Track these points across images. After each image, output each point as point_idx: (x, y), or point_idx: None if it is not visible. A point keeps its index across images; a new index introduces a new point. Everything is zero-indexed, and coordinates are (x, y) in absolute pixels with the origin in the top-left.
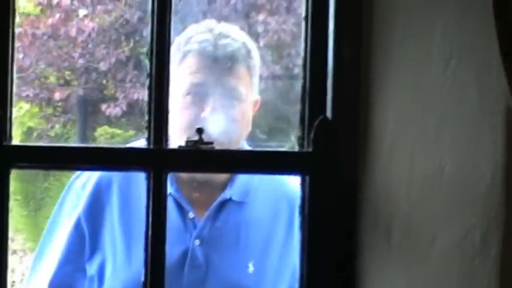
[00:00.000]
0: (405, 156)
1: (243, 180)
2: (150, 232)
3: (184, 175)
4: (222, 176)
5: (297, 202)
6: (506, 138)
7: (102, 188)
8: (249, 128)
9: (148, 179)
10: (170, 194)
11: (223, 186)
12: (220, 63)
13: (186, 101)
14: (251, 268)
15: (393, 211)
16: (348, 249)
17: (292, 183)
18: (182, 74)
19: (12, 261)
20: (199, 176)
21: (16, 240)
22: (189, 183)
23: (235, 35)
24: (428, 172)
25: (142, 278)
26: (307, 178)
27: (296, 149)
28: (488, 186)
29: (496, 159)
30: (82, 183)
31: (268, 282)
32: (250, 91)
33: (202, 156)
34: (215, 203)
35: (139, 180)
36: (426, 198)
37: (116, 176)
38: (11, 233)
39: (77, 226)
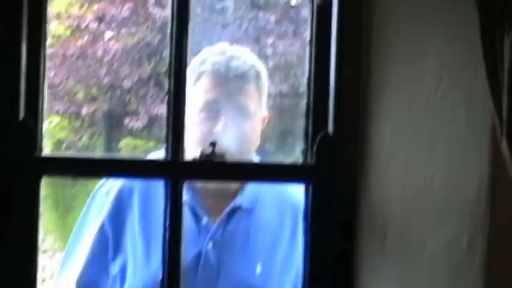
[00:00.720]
0: (399, 168)
1: (252, 189)
2: (167, 235)
3: (198, 184)
4: (233, 186)
5: (301, 209)
6: (492, 152)
7: (124, 196)
8: (258, 142)
9: (166, 187)
10: (186, 201)
11: (234, 194)
12: (231, 83)
13: (200, 117)
14: (259, 269)
15: (388, 218)
16: (346, 251)
17: (296, 192)
18: (197, 92)
19: (43, 259)
20: (212, 185)
21: (47, 240)
22: (203, 191)
23: (245, 58)
24: (420, 182)
25: (160, 277)
26: (310, 187)
27: (300, 161)
28: (475, 196)
29: (482, 172)
30: (106, 191)
31: (275, 282)
32: (259, 108)
33: (215, 167)
34: (227, 210)
35: (158, 188)
36: (418, 206)
37: (136, 185)
38: (42, 234)
39: (102, 230)
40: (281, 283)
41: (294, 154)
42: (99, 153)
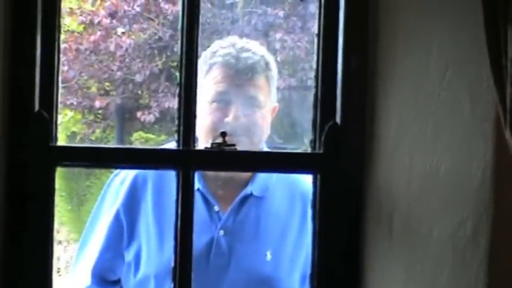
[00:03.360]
0: (405, 157)
1: (262, 177)
2: (179, 223)
3: (210, 173)
4: (244, 174)
5: (310, 197)
6: (496, 141)
7: (138, 185)
8: (268, 132)
9: (178, 176)
10: (198, 189)
11: (245, 182)
12: (241, 74)
13: (211, 108)
14: (269, 256)
15: (394, 205)
16: (354, 238)
17: (305, 181)
18: (208, 83)
19: (57, 250)
20: (223, 173)
21: (61, 232)
22: (215, 180)
23: (255, 49)
24: (426, 171)
25: (173, 264)
26: (319, 176)
27: (309, 150)
28: (479, 184)
29: (486, 160)
30: (121, 180)
31: (284, 269)
32: (268, 99)
33: (226, 157)
34: (238, 198)
35: (170, 178)
36: (424, 194)
37: (150, 174)
38: (56, 225)
39: (117, 218)
40: (291, 270)
41: (303, 145)
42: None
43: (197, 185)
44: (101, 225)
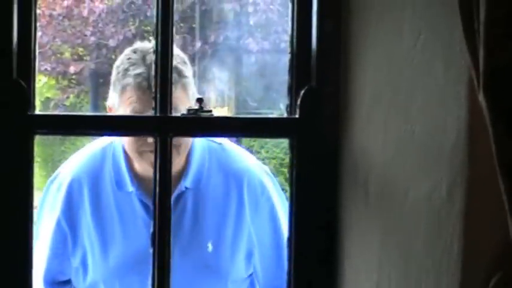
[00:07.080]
0: (380, 119)
1: (194, 169)
2: (157, 184)
3: (142, 174)
4: (176, 169)
5: (243, 176)
6: (469, 103)
7: (74, 192)
8: None
9: (155, 142)
10: (132, 192)
11: (178, 178)
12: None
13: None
14: (210, 247)
15: (370, 168)
16: (331, 202)
17: (237, 160)
18: (124, 103)
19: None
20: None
21: (36, 197)
22: (148, 180)
23: None
24: (400, 134)
25: (117, 265)
26: (295, 141)
27: (285, 115)
28: (453, 146)
29: (460, 122)
30: (57, 187)
31: (226, 255)
32: (188, 101)
33: (202, 123)
34: (174, 195)
35: (106, 178)
36: (399, 157)
37: (84, 179)
38: None
39: (58, 226)
40: (232, 255)
41: (278, 109)
42: (86, 111)
43: (130, 188)
44: (45, 232)
